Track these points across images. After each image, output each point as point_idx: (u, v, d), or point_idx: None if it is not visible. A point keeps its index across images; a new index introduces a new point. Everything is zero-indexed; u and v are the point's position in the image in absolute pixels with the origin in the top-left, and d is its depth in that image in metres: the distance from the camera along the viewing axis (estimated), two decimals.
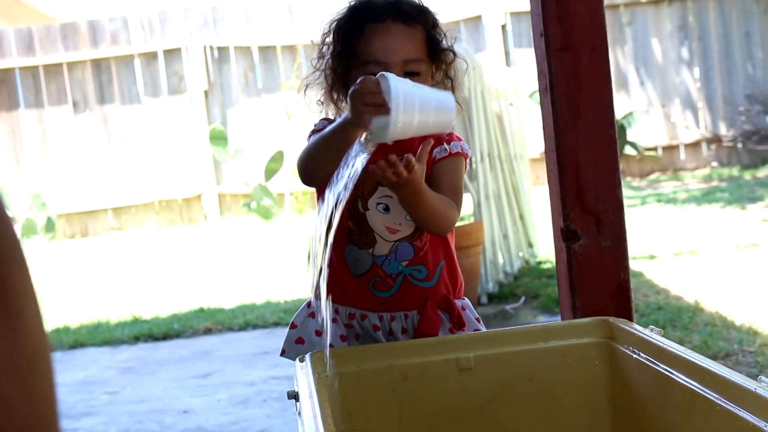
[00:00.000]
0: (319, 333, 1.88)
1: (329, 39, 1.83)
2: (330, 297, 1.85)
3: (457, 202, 1.81)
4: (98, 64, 9.42)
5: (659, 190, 8.66)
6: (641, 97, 9.73)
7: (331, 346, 1.83)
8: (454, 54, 1.82)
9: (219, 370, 4.09)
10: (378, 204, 1.79)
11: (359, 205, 1.80)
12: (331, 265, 1.85)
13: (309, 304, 1.92)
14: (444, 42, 1.80)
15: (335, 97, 1.83)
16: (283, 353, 1.96)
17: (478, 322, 1.92)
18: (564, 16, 2.05)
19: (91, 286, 6.54)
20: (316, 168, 1.74)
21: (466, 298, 1.93)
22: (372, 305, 1.83)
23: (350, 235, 1.82)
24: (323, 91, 1.85)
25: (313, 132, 1.86)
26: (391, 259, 1.81)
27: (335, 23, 1.82)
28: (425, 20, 1.77)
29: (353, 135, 1.64)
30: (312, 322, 1.89)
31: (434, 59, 1.79)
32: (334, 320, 1.85)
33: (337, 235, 1.80)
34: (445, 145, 1.82)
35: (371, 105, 1.57)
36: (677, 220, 6.76)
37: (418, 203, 1.69)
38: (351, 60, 1.76)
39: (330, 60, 1.81)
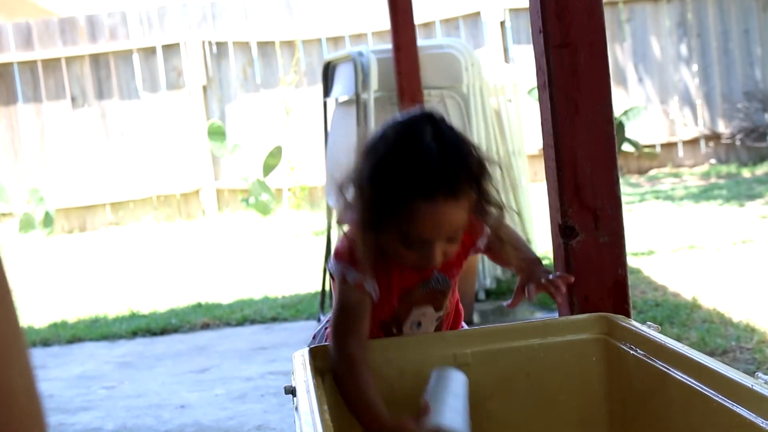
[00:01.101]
0: None
1: (371, 193, 1.62)
2: None
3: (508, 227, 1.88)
4: (96, 59, 9.41)
5: (657, 187, 8.66)
6: (640, 94, 9.73)
7: None
8: (502, 208, 1.71)
9: (216, 365, 4.09)
10: (412, 324, 1.81)
11: (393, 329, 1.81)
12: None
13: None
14: (489, 197, 1.67)
15: (365, 239, 1.67)
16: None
17: None
18: (563, 13, 2.05)
19: (89, 281, 6.54)
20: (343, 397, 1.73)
21: (464, 323, 1.95)
22: None
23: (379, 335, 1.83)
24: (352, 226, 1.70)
25: (347, 283, 1.70)
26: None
27: (380, 182, 1.61)
28: (476, 184, 1.64)
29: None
30: None
31: (477, 211, 1.69)
32: None
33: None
34: (484, 233, 1.81)
35: None
36: (675, 216, 6.76)
37: None
38: (389, 224, 1.62)
39: (367, 213, 1.64)
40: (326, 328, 1.92)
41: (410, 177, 1.58)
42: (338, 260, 1.72)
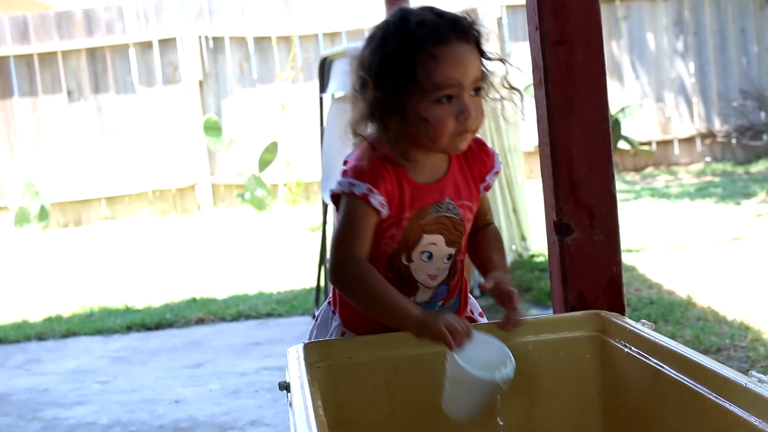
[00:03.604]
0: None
1: (388, 65, 1.68)
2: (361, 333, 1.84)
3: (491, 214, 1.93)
4: (93, 53, 9.38)
5: (653, 185, 8.67)
6: (636, 92, 9.73)
7: None
8: (504, 62, 1.76)
9: (211, 361, 4.09)
10: (422, 253, 1.77)
11: (403, 258, 1.77)
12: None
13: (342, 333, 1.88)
14: (492, 54, 1.74)
15: (388, 122, 1.71)
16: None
17: (481, 317, 1.98)
18: (559, 10, 2.05)
19: (84, 275, 6.52)
20: (360, 305, 1.75)
21: (470, 295, 1.95)
22: None
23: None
24: (364, 118, 1.73)
25: (353, 196, 1.71)
26: (431, 302, 1.82)
27: (395, 47, 1.68)
28: (477, 34, 1.73)
29: (407, 330, 1.69)
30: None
31: (485, 72, 1.74)
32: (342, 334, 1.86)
33: None
34: (496, 168, 1.85)
35: (448, 336, 1.60)
36: (671, 214, 6.77)
37: None
38: (417, 85, 1.67)
39: (392, 87, 1.68)
40: (318, 319, 1.92)
41: (422, 32, 1.67)
42: (345, 175, 1.74)
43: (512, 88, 1.79)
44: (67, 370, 4.13)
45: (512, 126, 4.98)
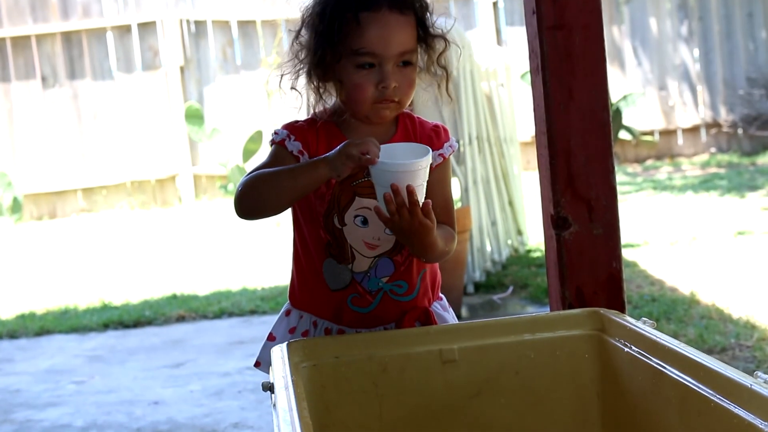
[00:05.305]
0: None
1: (315, 23, 1.72)
2: (307, 309, 1.84)
3: (453, 218, 1.82)
4: (69, 37, 9.28)
5: (655, 177, 8.68)
6: (638, 79, 9.68)
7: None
8: (446, 41, 1.77)
9: (192, 360, 4.08)
10: (356, 217, 1.75)
11: (335, 220, 1.75)
12: (304, 275, 1.84)
13: (288, 313, 1.87)
14: (433, 29, 1.76)
15: (316, 84, 1.76)
16: (258, 365, 1.92)
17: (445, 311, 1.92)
18: None
19: (59, 270, 6.49)
20: (270, 199, 1.72)
21: (443, 296, 1.91)
22: (349, 320, 1.80)
23: (328, 248, 1.77)
24: (301, 77, 1.77)
25: (275, 144, 1.77)
26: (371, 275, 1.78)
27: (323, 7, 1.71)
28: (418, 6, 1.74)
29: (324, 177, 1.67)
30: (290, 338, 1.84)
31: (424, 45, 1.75)
32: (304, 333, 1.84)
33: (314, 248, 1.80)
34: (440, 150, 1.80)
35: (359, 157, 1.59)
36: (673, 208, 6.78)
37: (428, 251, 1.71)
38: (338, 47, 1.69)
39: (314, 47, 1.72)
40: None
41: None
42: (276, 130, 1.79)
43: (442, 67, 1.78)
44: (40, 369, 4.11)
45: (446, 103, 4.93)
